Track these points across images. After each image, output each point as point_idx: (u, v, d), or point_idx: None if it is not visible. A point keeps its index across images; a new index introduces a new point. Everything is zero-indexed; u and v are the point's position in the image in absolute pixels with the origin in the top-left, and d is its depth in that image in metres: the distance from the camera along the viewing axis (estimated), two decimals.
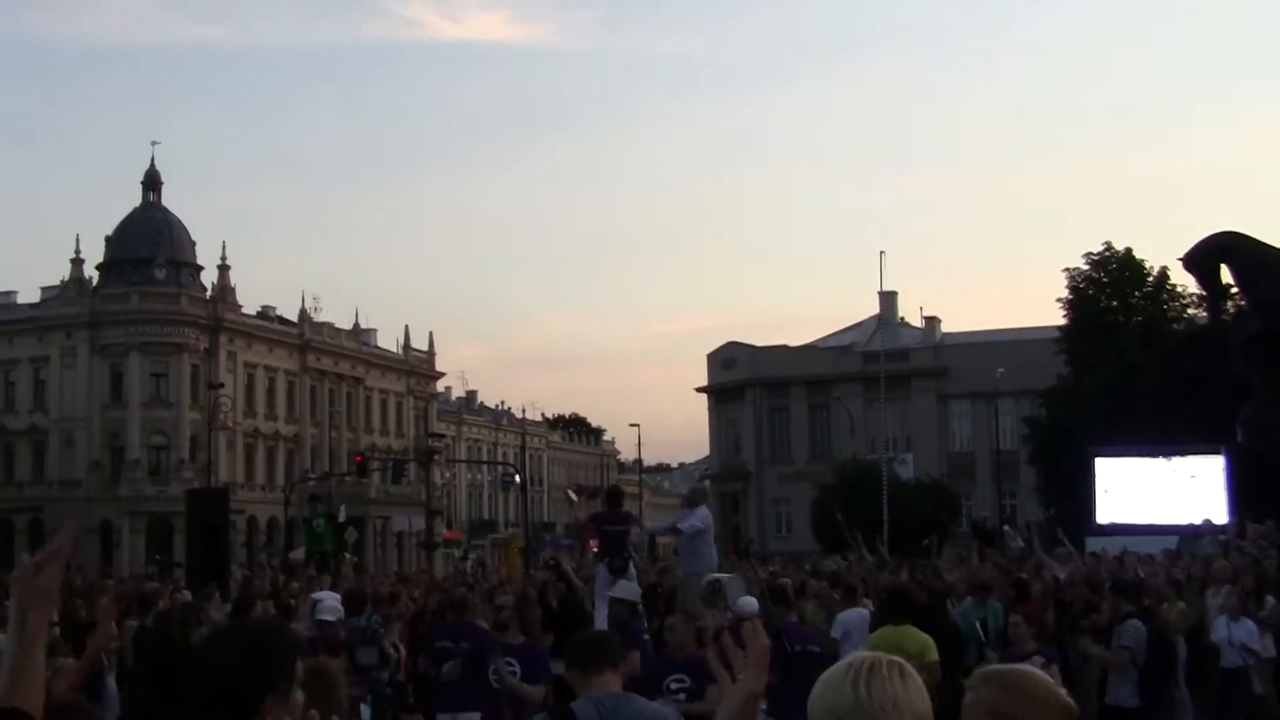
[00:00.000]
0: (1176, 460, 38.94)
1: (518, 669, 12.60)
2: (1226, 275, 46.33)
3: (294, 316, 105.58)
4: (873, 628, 17.14)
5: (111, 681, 15.30)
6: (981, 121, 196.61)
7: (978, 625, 18.60)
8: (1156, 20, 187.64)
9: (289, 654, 4.21)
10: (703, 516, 20.00)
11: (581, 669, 6.75)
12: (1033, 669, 4.12)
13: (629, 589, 15.20)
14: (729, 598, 16.25)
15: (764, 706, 4.88)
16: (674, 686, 11.36)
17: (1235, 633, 17.98)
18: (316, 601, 17.06)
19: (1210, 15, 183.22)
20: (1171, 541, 28.88)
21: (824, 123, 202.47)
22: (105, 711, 12.75)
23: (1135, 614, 17.38)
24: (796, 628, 13.99)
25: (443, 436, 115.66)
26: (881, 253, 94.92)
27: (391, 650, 16.38)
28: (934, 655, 13.08)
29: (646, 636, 14.98)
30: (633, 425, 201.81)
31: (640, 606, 15.74)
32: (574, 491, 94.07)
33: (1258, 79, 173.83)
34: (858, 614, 18.73)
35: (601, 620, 16.04)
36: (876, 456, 70.30)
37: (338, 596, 17.36)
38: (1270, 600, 19.45)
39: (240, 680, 4.01)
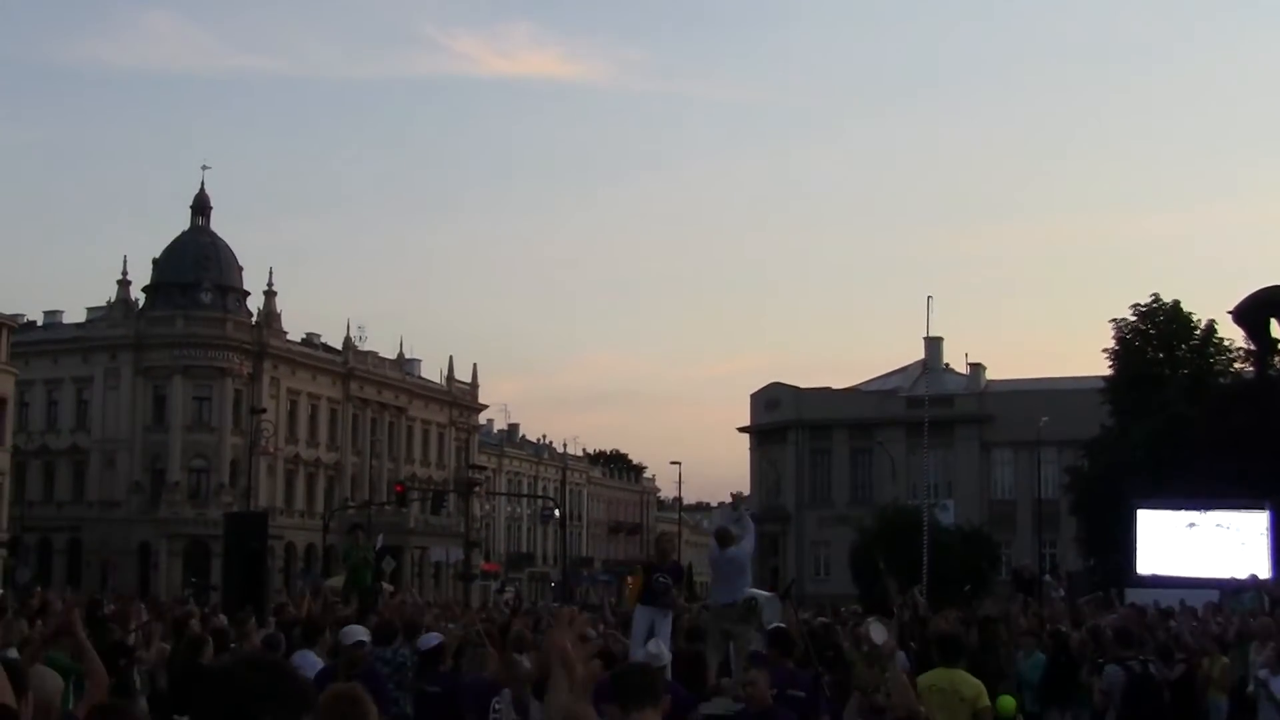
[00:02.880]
0: (1219, 514, 38.55)
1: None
2: (1275, 329, 46.07)
3: (339, 344, 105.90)
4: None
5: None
6: (1032, 170, 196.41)
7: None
8: (1209, 72, 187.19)
9: (302, 690, 4.22)
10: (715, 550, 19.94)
11: (623, 704, 6.52)
12: None
13: (656, 655, 14.86)
14: (764, 618, 16.13)
15: None
16: None
17: (1274, 686, 17.91)
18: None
19: (1262, 66, 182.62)
20: (1213, 595, 28.57)
21: (874, 169, 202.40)
22: None
23: (1123, 660, 18.19)
24: (782, 670, 13.82)
25: (483, 469, 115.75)
26: (929, 298, 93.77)
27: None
28: (986, 700, 13.01)
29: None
30: (674, 463, 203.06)
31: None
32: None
33: None
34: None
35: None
36: (917, 502, 69.91)
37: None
38: None
39: (245, 702, 4.03)
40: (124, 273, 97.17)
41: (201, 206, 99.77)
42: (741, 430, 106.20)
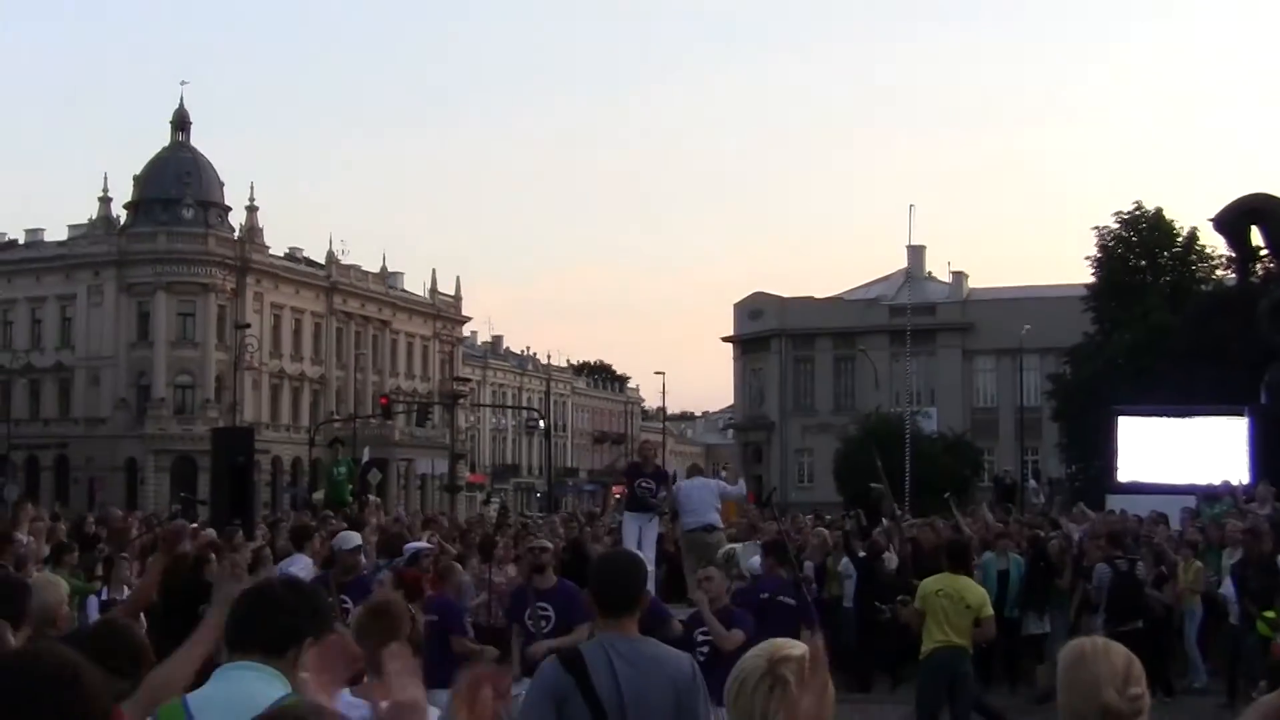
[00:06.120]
0: (1199, 421, 38.70)
1: (552, 614, 12.32)
2: (1257, 238, 46.15)
3: (321, 258, 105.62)
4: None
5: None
6: (1015, 77, 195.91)
7: (995, 577, 19.66)
8: None
9: (329, 606, 4.68)
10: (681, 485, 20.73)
11: (601, 609, 6.65)
12: None
13: None
14: (741, 564, 16.48)
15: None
16: (700, 639, 11.44)
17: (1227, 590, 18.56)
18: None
19: None
20: (1190, 501, 28.86)
21: (858, 76, 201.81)
22: None
23: (1111, 559, 19.85)
24: (775, 579, 14.24)
25: (468, 380, 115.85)
26: (911, 206, 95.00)
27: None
28: (990, 610, 13.41)
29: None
30: (658, 373, 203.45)
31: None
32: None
33: None
34: None
35: None
36: (900, 410, 70.18)
37: (309, 561, 16.13)
38: None
39: (295, 620, 4.43)
40: (105, 190, 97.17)
41: (181, 122, 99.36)
42: (725, 340, 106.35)
